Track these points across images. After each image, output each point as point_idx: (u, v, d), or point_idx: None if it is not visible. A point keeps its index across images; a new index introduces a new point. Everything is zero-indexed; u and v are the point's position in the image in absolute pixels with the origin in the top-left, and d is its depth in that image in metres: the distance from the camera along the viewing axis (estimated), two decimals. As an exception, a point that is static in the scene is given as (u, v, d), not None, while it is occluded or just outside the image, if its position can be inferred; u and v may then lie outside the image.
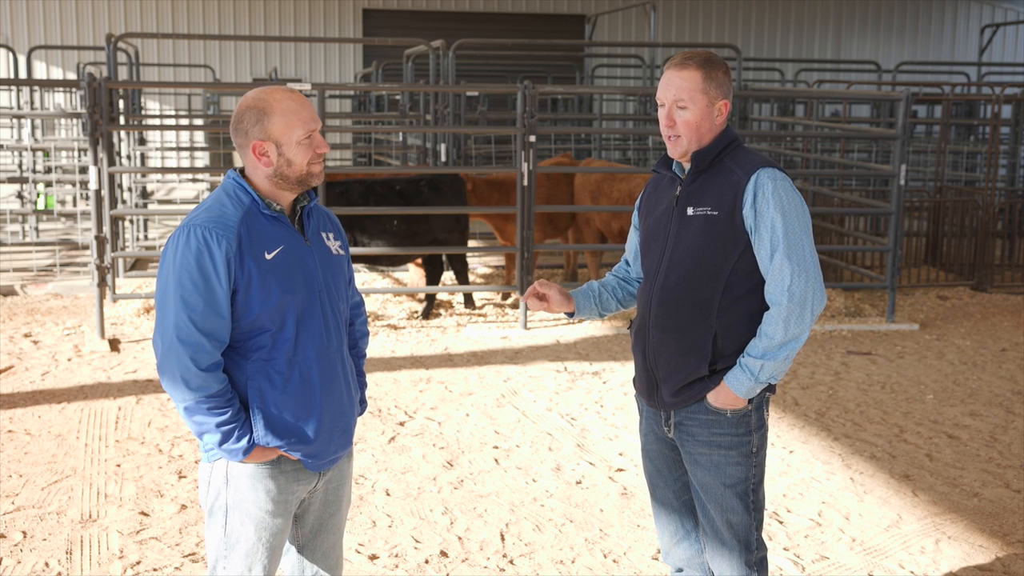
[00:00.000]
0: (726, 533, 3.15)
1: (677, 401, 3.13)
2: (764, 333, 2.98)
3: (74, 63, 16.55)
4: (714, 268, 3.03)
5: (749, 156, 3.07)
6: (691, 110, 3.02)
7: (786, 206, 2.97)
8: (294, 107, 2.77)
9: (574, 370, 7.42)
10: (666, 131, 3.07)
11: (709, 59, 3.05)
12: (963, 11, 21.65)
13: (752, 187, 2.98)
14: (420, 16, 19.12)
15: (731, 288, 3.03)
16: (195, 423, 2.76)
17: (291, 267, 2.80)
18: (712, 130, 3.06)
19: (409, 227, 8.86)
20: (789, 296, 2.95)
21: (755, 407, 3.12)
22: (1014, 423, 6.37)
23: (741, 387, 3.02)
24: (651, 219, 3.22)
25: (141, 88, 13.50)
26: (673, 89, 3.03)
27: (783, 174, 3.03)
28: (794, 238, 2.96)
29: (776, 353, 2.97)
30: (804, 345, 8.05)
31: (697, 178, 3.09)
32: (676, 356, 3.09)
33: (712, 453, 3.11)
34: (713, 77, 3.02)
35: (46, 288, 9.88)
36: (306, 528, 3.03)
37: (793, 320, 2.95)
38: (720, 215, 3.01)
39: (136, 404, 6.44)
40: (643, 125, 15.77)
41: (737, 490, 3.12)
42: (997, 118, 11.68)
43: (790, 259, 2.95)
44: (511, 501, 5.03)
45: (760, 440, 3.15)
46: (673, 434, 3.20)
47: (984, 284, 10.68)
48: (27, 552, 4.39)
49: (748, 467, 3.12)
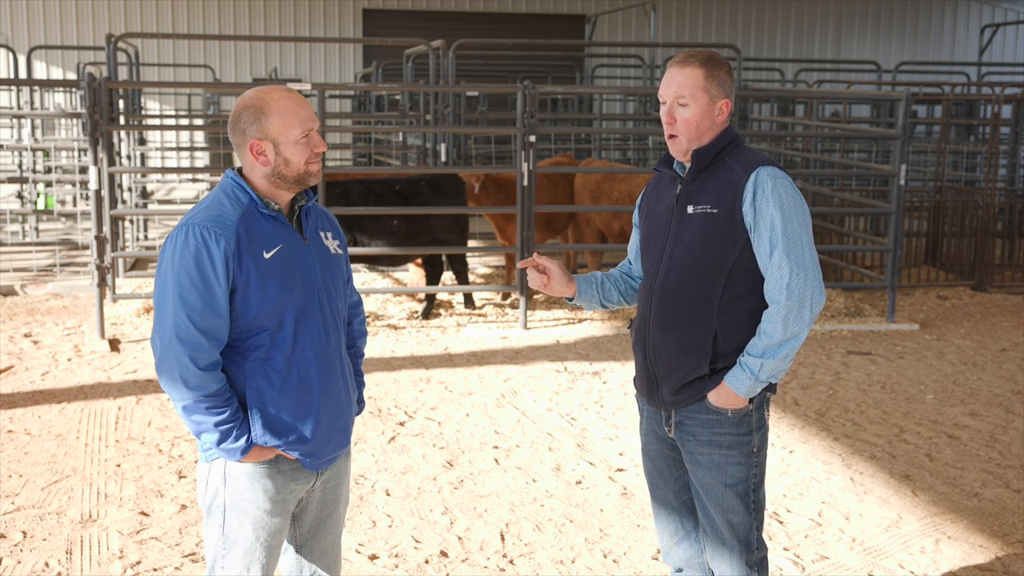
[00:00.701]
0: (726, 533, 3.14)
1: (677, 400, 3.13)
2: (763, 332, 2.98)
3: (74, 63, 16.55)
4: (714, 266, 3.03)
5: (749, 155, 3.07)
6: (691, 107, 3.02)
7: (785, 204, 2.97)
8: (291, 106, 2.77)
9: (574, 370, 7.42)
10: (667, 129, 3.08)
11: (712, 58, 3.05)
12: (963, 11, 21.65)
13: (752, 185, 2.98)
14: (420, 16, 19.12)
15: (731, 286, 3.03)
16: (193, 422, 2.77)
17: (289, 266, 2.80)
18: (712, 129, 3.06)
19: (409, 227, 8.86)
20: (788, 294, 2.95)
21: (756, 407, 3.11)
22: (1014, 423, 6.36)
23: (741, 386, 3.02)
24: (651, 218, 3.22)
25: (141, 88, 13.51)
26: (675, 86, 3.03)
27: (783, 172, 3.03)
28: (793, 236, 2.96)
29: (776, 352, 2.97)
30: (804, 345, 8.13)
31: (697, 176, 3.09)
32: (676, 355, 3.09)
33: (713, 453, 3.11)
34: (715, 76, 3.02)
35: (46, 288, 9.88)
36: (304, 527, 3.03)
37: (792, 318, 2.95)
38: (720, 213, 3.01)
39: (136, 404, 6.44)
40: (643, 125, 15.76)
41: (738, 490, 3.11)
42: (997, 118, 11.68)
43: (789, 257, 2.95)
44: (511, 501, 5.03)
45: (761, 440, 3.15)
46: (674, 434, 3.19)
47: (984, 284, 10.68)
48: (27, 552, 4.39)
49: (749, 467, 3.12)
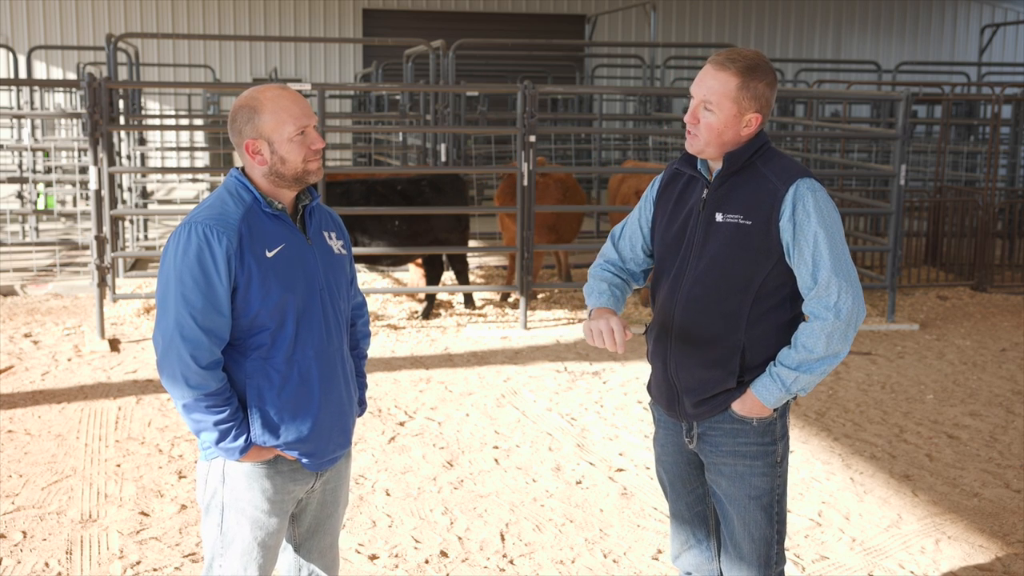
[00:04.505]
0: (746, 547, 3.05)
1: (700, 412, 3.02)
2: (803, 345, 2.86)
3: (74, 63, 16.56)
4: (744, 279, 2.89)
5: (784, 163, 2.92)
6: (716, 115, 2.85)
7: (828, 221, 2.84)
8: (285, 104, 2.76)
9: (574, 370, 7.42)
10: (688, 126, 2.92)
11: (754, 66, 2.84)
12: (963, 11, 21.66)
13: (791, 199, 2.84)
14: (420, 16, 19.13)
15: (760, 300, 2.91)
16: (193, 421, 2.76)
17: (292, 265, 2.79)
18: (736, 141, 2.89)
19: (410, 227, 8.86)
20: (836, 313, 2.83)
21: (779, 415, 3.02)
22: (1014, 423, 6.36)
23: (770, 396, 2.91)
24: (669, 218, 3.06)
25: (141, 88, 13.50)
26: (704, 88, 2.86)
27: (820, 185, 2.89)
28: (839, 254, 2.84)
29: (813, 367, 2.86)
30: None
31: (726, 181, 2.93)
32: (700, 369, 2.96)
33: (737, 464, 3.01)
34: (750, 87, 2.83)
35: (46, 288, 9.88)
36: (303, 527, 3.03)
37: (837, 336, 2.84)
38: (754, 225, 2.86)
39: (136, 404, 6.44)
40: (643, 125, 15.76)
41: (762, 502, 3.01)
42: (997, 118, 11.68)
43: (838, 276, 2.83)
44: (511, 501, 5.03)
45: (784, 449, 3.05)
46: (696, 445, 3.07)
47: (984, 284, 10.68)
48: (27, 552, 4.39)
49: (773, 477, 3.02)
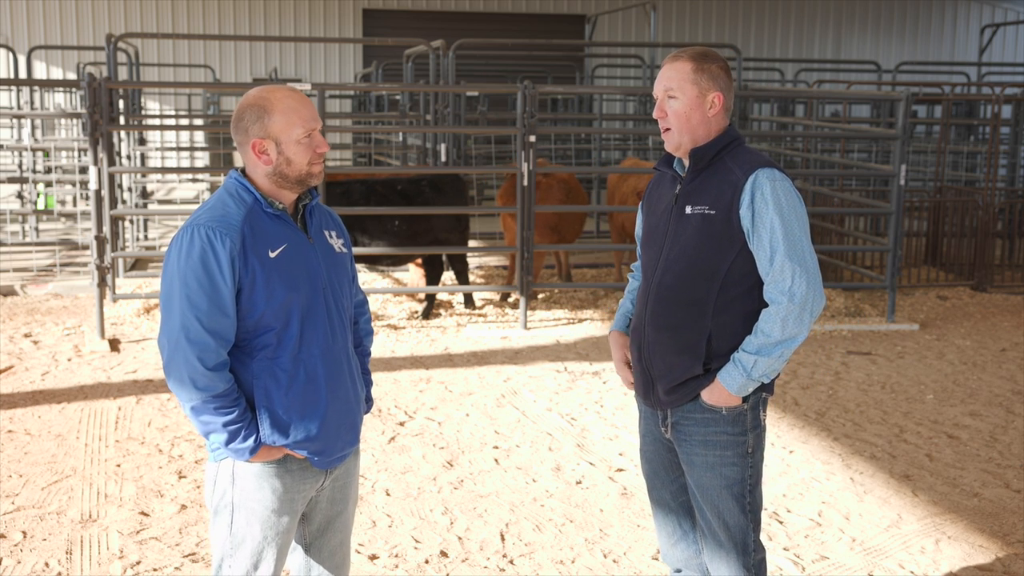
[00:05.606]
0: (723, 535, 3.14)
1: (672, 399, 3.14)
2: (760, 330, 2.98)
3: (74, 63, 16.55)
4: (710, 267, 3.03)
5: (749, 156, 3.06)
6: (680, 100, 3.02)
7: (784, 208, 2.96)
8: (295, 105, 2.77)
9: (574, 370, 7.42)
10: (660, 123, 3.09)
11: (702, 53, 3.06)
12: (963, 11, 21.66)
13: (750, 187, 2.98)
14: (420, 16, 19.13)
15: (727, 288, 3.03)
16: (201, 423, 2.77)
17: (295, 265, 2.80)
18: (705, 123, 3.05)
19: (410, 227, 8.86)
20: (790, 297, 2.95)
21: (751, 407, 3.11)
22: (1014, 423, 6.37)
23: (733, 383, 3.01)
24: (652, 217, 3.23)
25: (141, 88, 13.51)
26: (664, 80, 3.05)
27: (782, 174, 3.01)
28: (794, 239, 2.96)
29: (771, 350, 2.97)
30: (804, 345, 8.14)
31: (696, 176, 3.08)
32: (671, 355, 3.10)
33: (708, 453, 3.11)
34: (705, 69, 3.02)
35: (46, 288, 9.88)
36: (313, 526, 3.03)
37: (792, 320, 2.96)
38: (717, 214, 3.01)
39: (136, 404, 6.44)
40: (643, 125, 15.76)
41: (733, 491, 3.11)
42: (997, 118, 11.68)
43: (792, 260, 2.95)
44: (511, 501, 5.03)
45: (756, 440, 3.14)
46: (670, 434, 3.20)
47: (984, 284, 10.68)
48: (27, 552, 4.39)
49: (744, 467, 3.11)
